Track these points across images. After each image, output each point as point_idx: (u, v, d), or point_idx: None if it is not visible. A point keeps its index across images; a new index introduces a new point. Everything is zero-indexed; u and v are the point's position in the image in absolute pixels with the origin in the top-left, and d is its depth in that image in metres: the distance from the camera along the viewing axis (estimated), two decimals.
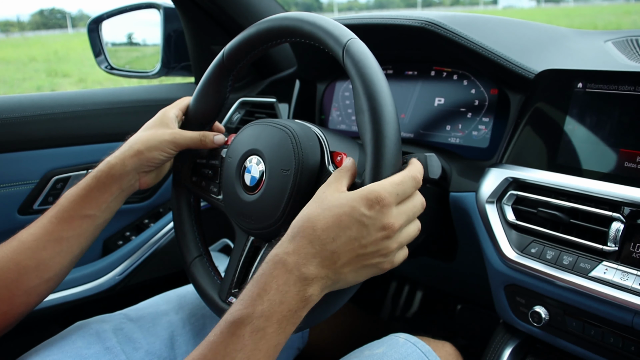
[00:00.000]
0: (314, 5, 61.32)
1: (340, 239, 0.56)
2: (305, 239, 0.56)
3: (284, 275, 0.54)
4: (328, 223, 0.56)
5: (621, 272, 0.63)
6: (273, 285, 0.54)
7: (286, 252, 0.56)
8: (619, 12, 20.34)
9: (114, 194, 0.79)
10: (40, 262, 0.74)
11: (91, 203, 0.77)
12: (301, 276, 0.54)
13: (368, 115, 0.61)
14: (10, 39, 36.06)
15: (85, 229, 0.77)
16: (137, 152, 0.79)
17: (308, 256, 0.55)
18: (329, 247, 0.55)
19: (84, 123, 1.17)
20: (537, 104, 0.78)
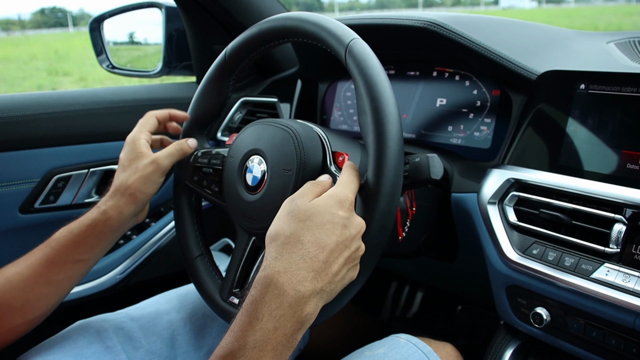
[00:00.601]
0: (315, 5, 61.32)
1: (328, 247, 0.55)
2: (295, 254, 0.54)
3: (277, 299, 0.51)
4: (314, 234, 0.55)
5: (623, 274, 0.63)
6: (265, 312, 0.51)
7: (277, 272, 0.53)
8: (620, 13, 20.33)
9: (110, 239, 0.77)
10: (26, 303, 0.72)
11: (84, 248, 0.75)
12: (297, 295, 0.52)
13: (370, 116, 0.60)
14: (11, 38, 36.08)
15: (76, 272, 0.75)
16: (131, 197, 0.77)
17: (301, 272, 0.53)
18: (320, 257, 0.54)
19: (85, 122, 1.17)
20: (539, 105, 0.78)
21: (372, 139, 0.60)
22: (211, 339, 0.88)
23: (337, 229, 0.56)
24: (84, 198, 1.18)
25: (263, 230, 0.71)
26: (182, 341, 0.85)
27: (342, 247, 0.56)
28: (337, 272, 0.56)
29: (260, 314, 0.51)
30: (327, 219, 0.56)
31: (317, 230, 0.55)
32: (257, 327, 0.50)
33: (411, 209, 0.82)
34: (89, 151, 1.17)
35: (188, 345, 0.85)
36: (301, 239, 0.55)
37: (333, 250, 0.55)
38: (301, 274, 0.53)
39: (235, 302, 0.74)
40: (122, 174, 0.78)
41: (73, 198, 1.16)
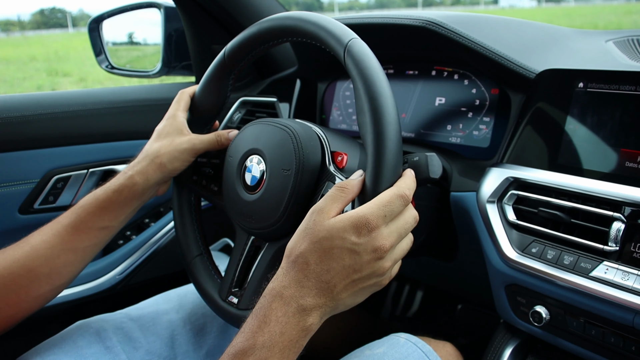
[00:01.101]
0: (315, 5, 61.31)
1: (334, 270, 0.56)
2: (300, 272, 0.57)
3: (283, 308, 0.55)
4: (321, 257, 0.56)
5: (622, 272, 0.63)
6: (272, 318, 0.55)
7: (283, 286, 0.56)
8: (619, 12, 20.32)
9: (134, 206, 0.79)
10: (53, 270, 0.73)
11: (110, 215, 0.76)
12: (299, 308, 0.55)
13: (369, 116, 0.61)
14: (11, 38, 36.07)
15: (101, 240, 0.77)
16: (159, 166, 0.78)
17: (304, 289, 0.56)
18: (323, 278, 0.56)
19: (85, 122, 1.17)
20: (538, 104, 0.78)
21: (370, 139, 0.60)
22: (211, 338, 0.88)
23: (345, 254, 0.56)
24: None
25: (262, 230, 0.72)
26: (181, 341, 0.85)
27: (349, 270, 0.57)
28: (343, 290, 0.57)
29: (268, 319, 0.55)
30: (336, 244, 0.56)
31: (324, 253, 0.57)
32: (266, 330, 0.54)
33: None
34: (88, 151, 1.17)
35: (188, 345, 0.85)
36: (308, 260, 0.57)
37: (338, 272, 0.56)
38: (304, 291, 0.56)
39: (234, 301, 0.74)
40: (155, 143, 0.80)
41: (72, 198, 1.17)
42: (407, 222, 0.61)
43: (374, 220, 0.57)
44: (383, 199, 0.58)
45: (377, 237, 0.57)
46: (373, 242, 0.57)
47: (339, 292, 0.57)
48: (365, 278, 0.58)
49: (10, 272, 0.71)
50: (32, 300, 0.73)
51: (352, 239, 0.56)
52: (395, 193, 0.59)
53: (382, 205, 0.58)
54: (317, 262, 0.56)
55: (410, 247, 0.62)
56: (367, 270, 0.57)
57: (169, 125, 0.82)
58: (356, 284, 0.58)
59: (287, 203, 0.68)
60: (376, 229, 0.57)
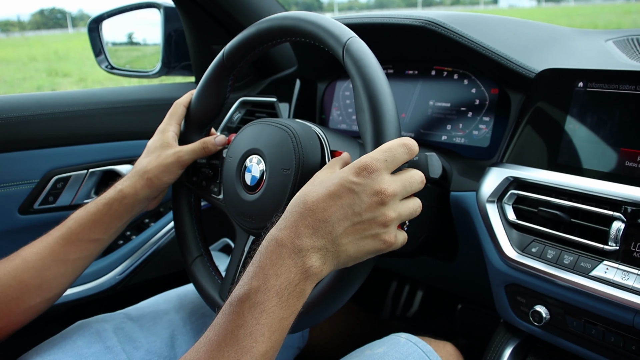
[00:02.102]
0: (314, 5, 61.32)
1: (331, 208, 0.55)
2: (297, 213, 0.56)
3: (278, 250, 0.54)
4: (319, 195, 0.56)
5: (622, 272, 0.63)
6: (267, 261, 0.54)
7: (279, 229, 0.55)
8: (619, 12, 20.32)
9: (124, 220, 0.80)
10: (43, 282, 0.74)
11: (101, 228, 0.77)
12: (295, 248, 0.54)
13: (368, 115, 0.60)
14: (11, 39, 36.06)
15: (91, 252, 0.78)
16: (147, 181, 0.80)
17: (299, 228, 0.55)
18: (319, 216, 0.55)
19: (85, 123, 1.17)
20: (537, 104, 0.78)
21: (370, 138, 0.60)
22: None
23: (344, 193, 0.55)
24: (83, 199, 1.18)
25: (262, 230, 0.72)
26: (181, 341, 0.85)
27: (348, 211, 0.55)
28: (343, 235, 0.55)
29: (264, 263, 0.54)
30: (335, 182, 0.56)
31: (323, 192, 0.56)
32: (260, 274, 0.53)
33: None
34: (88, 152, 1.17)
35: (188, 345, 0.85)
36: (305, 200, 0.56)
37: (336, 211, 0.55)
38: (299, 230, 0.54)
39: None
40: (144, 159, 0.82)
41: (72, 199, 1.17)
42: (413, 177, 0.59)
43: (373, 163, 0.56)
44: (385, 145, 0.58)
45: (377, 179, 0.56)
46: (373, 184, 0.56)
47: (338, 235, 0.55)
48: (366, 224, 0.56)
49: (0, 284, 0.71)
50: (22, 313, 0.73)
51: (351, 178, 0.56)
52: (398, 141, 0.59)
53: (383, 150, 0.58)
54: (314, 200, 0.55)
55: (418, 211, 0.61)
56: (367, 215, 0.55)
57: (158, 140, 0.83)
58: (357, 229, 0.56)
59: (287, 203, 0.68)
60: (377, 171, 0.56)
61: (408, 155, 0.59)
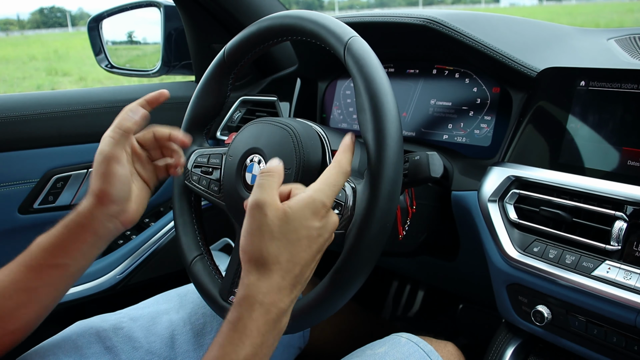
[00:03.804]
0: (315, 4, 61.35)
1: (304, 261, 0.56)
2: (276, 273, 0.55)
3: (264, 317, 0.54)
4: (291, 253, 0.55)
5: (624, 271, 0.63)
6: (254, 329, 0.53)
7: (261, 293, 0.54)
8: (621, 10, 20.31)
9: (87, 242, 0.71)
10: (4, 313, 0.68)
11: (62, 252, 0.70)
12: (279, 312, 0.55)
13: (370, 114, 0.60)
14: (10, 38, 36.10)
15: (56, 279, 0.71)
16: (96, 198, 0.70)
17: (282, 290, 0.55)
18: (296, 272, 0.56)
19: (85, 122, 1.17)
20: (539, 103, 0.78)
21: (371, 137, 0.60)
22: (211, 338, 0.87)
23: (313, 241, 0.57)
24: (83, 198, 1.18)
25: None
26: (181, 341, 0.85)
27: (316, 254, 0.58)
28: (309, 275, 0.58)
29: (249, 330, 0.53)
30: (303, 235, 0.56)
31: (293, 247, 0.56)
32: (247, 342, 0.53)
33: (411, 208, 0.82)
34: (88, 151, 1.17)
35: (188, 345, 0.85)
36: (279, 259, 0.55)
37: (308, 261, 0.57)
38: (283, 293, 0.55)
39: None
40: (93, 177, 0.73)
41: (72, 198, 1.16)
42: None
43: (328, 201, 0.57)
44: (330, 179, 0.59)
45: (332, 214, 0.59)
46: (330, 219, 0.58)
47: (306, 278, 0.58)
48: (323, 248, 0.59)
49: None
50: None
51: (316, 224, 0.56)
52: (339, 172, 0.60)
53: (332, 185, 0.58)
54: (288, 259, 0.55)
55: None
56: (327, 243, 0.59)
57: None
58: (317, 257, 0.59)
59: None
60: (329, 209, 0.58)
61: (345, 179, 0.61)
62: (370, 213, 0.59)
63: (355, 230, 0.60)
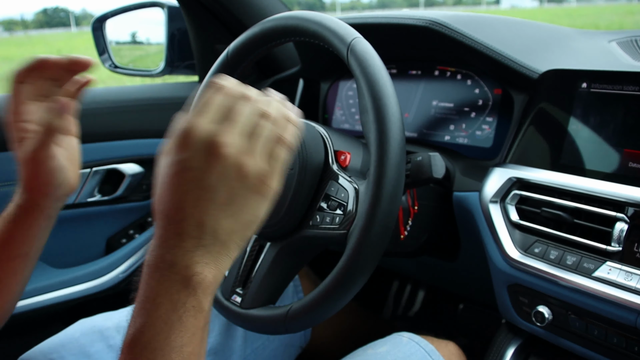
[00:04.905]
0: (317, 5, 61.34)
1: (180, 203, 0.46)
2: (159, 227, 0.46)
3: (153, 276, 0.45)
4: (163, 196, 0.46)
5: (625, 273, 0.63)
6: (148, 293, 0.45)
7: (149, 253, 0.47)
8: (621, 12, 20.29)
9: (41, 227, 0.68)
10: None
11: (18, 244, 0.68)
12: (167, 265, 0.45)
13: (372, 115, 0.61)
14: (14, 38, 36.14)
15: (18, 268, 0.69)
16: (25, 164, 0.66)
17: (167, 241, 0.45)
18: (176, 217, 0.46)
19: (88, 121, 1.17)
20: (541, 104, 0.78)
21: (374, 138, 0.60)
22: (213, 337, 0.88)
23: (181, 177, 0.45)
24: (86, 197, 1.18)
25: (265, 229, 0.72)
26: None
27: (197, 192, 0.45)
28: (209, 218, 0.46)
29: (142, 296, 0.46)
30: (170, 171, 0.46)
31: (166, 190, 0.46)
32: (142, 309, 0.45)
33: (413, 208, 0.82)
34: (91, 150, 1.17)
35: None
36: (158, 209, 0.47)
37: (186, 202, 0.45)
38: (166, 243, 0.46)
39: (237, 300, 0.74)
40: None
41: (76, 197, 1.17)
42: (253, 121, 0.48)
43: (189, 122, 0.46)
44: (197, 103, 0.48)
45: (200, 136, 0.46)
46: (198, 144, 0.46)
47: (206, 222, 0.46)
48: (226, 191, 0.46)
49: None
50: None
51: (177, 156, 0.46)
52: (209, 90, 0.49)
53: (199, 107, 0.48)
54: (164, 207, 0.46)
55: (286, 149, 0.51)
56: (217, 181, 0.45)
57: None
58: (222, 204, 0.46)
59: (290, 202, 0.68)
60: (195, 128, 0.46)
61: (224, 96, 0.48)
62: (372, 213, 0.60)
63: (358, 231, 0.60)
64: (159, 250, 0.46)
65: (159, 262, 0.45)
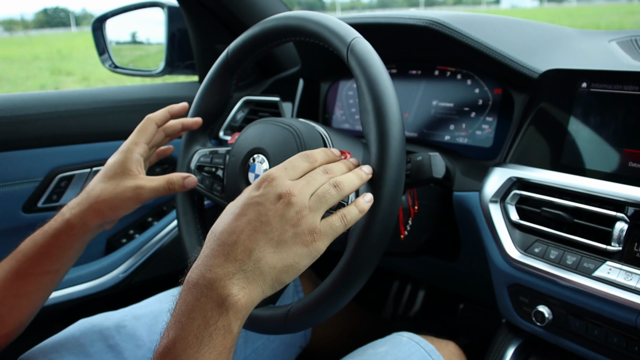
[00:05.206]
0: (317, 5, 61.34)
1: (239, 228, 0.52)
2: (208, 248, 0.53)
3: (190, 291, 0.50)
4: (225, 222, 0.53)
5: (625, 272, 0.63)
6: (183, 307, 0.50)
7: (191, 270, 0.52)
8: (621, 12, 20.28)
9: (76, 248, 0.73)
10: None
11: (51, 260, 0.71)
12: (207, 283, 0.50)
13: (372, 115, 0.61)
14: (14, 38, 36.16)
15: (46, 284, 0.73)
16: (98, 212, 0.71)
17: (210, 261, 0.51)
18: (229, 241, 0.52)
19: (88, 121, 1.17)
20: (541, 104, 0.78)
21: (374, 138, 0.60)
22: None
23: (249, 208, 0.53)
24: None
25: None
26: None
27: (256, 224, 0.52)
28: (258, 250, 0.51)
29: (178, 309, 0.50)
30: (238, 204, 0.54)
31: (229, 217, 0.54)
32: (177, 322, 0.49)
33: (413, 208, 0.82)
34: (91, 150, 1.17)
35: None
36: (215, 231, 0.54)
37: (244, 230, 0.52)
38: (209, 262, 0.51)
39: None
40: (99, 185, 0.73)
41: None
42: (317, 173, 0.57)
43: (272, 172, 0.56)
44: (290, 160, 0.58)
45: (279, 185, 0.54)
46: (274, 189, 0.54)
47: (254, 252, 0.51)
48: (279, 230, 0.52)
49: None
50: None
51: (253, 193, 0.54)
52: (302, 156, 0.59)
53: (288, 163, 0.58)
54: (222, 229, 0.53)
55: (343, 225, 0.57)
56: (276, 220, 0.52)
57: (119, 164, 0.74)
58: (271, 239, 0.52)
59: None
60: (277, 178, 0.55)
61: (309, 164, 0.58)
62: (372, 213, 0.60)
63: (358, 231, 0.60)
64: (201, 268, 0.51)
65: (200, 279, 0.50)
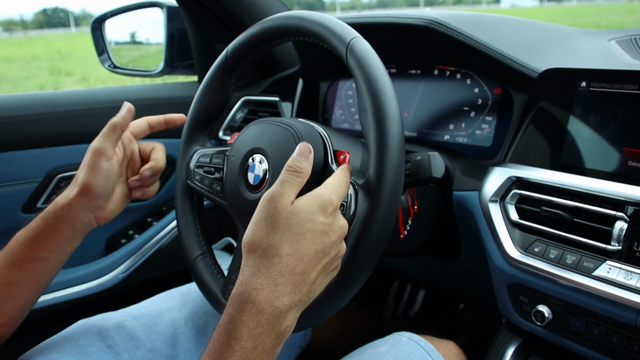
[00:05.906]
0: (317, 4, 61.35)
1: (307, 257, 0.53)
2: (273, 269, 0.51)
3: (255, 317, 0.50)
4: (293, 245, 0.52)
5: (624, 272, 0.63)
6: (244, 331, 0.49)
7: (254, 289, 0.51)
8: (622, 11, 20.28)
9: (65, 235, 0.73)
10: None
11: (41, 245, 0.72)
12: (275, 312, 0.50)
13: (372, 114, 0.61)
14: (14, 38, 36.16)
15: (37, 272, 0.73)
16: (80, 189, 0.72)
17: (279, 287, 0.51)
18: (298, 269, 0.52)
19: (87, 121, 1.17)
20: (540, 103, 0.78)
21: (373, 138, 0.60)
22: None
23: (317, 237, 0.54)
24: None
25: None
26: (183, 340, 0.85)
27: (320, 255, 0.54)
28: (315, 280, 0.54)
29: (239, 333, 0.49)
30: (307, 228, 0.53)
31: (296, 241, 0.53)
32: (237, 347, 0.49)
33: (413, 208, 0.82)
34: None
35: (190, 344, 0.85)
36: (279, 252, 0.52)
37: (311, 260, 0.53)
38: (279, 290, 0.51)
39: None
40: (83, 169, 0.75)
41: None
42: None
43: (335, 200, 0.56)
44: (336, 181, 0.59)
45: (339, 215, 0.57)
46: (338, 221, 0.56)
47: (312, 282, 0.53)
48: (331, 261, 0.55)
49: None
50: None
51: (321, 219, 0.54)
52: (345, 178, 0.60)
53: (338, 186, 0.58)
54: (289, 252, 0.52)
55: None
56: (333, 252, 0.55)
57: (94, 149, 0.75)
58: (325, 269, 0.55)
59: None
60: (337, 208, 0.56)
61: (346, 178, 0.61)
62: (372, 213, 0.60)
63: (358, 230, 0.60)
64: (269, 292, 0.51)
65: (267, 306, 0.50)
